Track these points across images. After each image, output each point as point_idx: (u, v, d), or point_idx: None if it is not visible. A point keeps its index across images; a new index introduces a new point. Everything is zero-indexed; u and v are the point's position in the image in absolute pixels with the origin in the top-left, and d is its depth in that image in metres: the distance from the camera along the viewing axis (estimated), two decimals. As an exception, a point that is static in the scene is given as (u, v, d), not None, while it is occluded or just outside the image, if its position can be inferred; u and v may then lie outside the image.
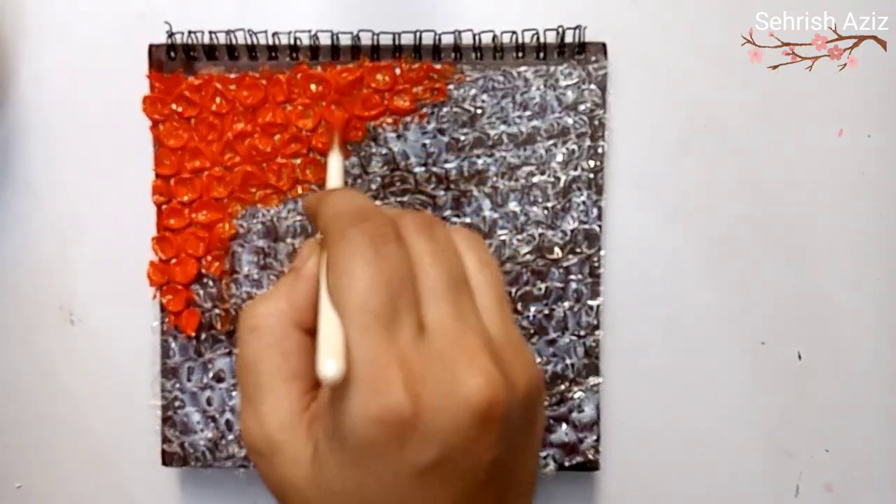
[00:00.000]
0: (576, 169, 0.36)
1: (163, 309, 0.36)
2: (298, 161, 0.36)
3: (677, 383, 0.38)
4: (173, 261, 0.36)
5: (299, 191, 0.36)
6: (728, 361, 0.38)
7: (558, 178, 0.36)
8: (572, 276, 0.36)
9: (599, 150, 0.36)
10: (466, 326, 0.21)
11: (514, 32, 0.36)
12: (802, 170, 0.38)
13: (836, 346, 0.38)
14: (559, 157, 0.36)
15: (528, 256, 0.36)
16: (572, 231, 0.36)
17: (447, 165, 0.36)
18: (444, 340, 0.20)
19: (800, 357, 0.38)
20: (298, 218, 0.36)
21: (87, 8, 0.37)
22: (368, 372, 0.19)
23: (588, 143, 0.36)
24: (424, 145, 0.36)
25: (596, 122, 0.36)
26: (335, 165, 0.32)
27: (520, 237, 0.36)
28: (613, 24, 0.37)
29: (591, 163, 0.36)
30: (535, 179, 0.36)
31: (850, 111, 0.38)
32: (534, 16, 0.37)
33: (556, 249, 0.36)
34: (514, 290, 0.36)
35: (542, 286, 0.36)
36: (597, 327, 0.36)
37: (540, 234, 0.36)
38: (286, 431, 0.21)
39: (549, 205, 0.36)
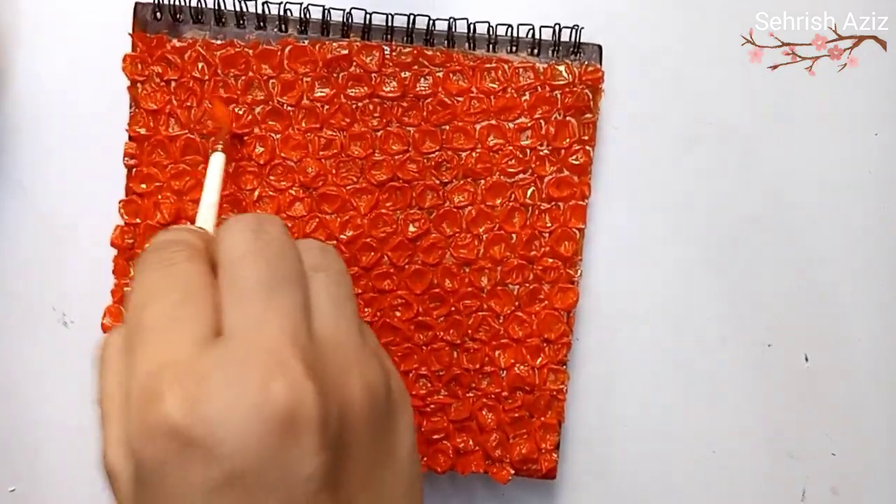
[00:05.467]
0: (560, 171, 0.35)
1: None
2: (278, 137, 0.35)
3: (683, 385, 0.38)
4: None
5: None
6: (734, 364, 0.38)
7: (541, 178, 0.35)
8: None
9: (589, 150, 0.35)
10: (274, 329, 0.19)
11: (509, 26, 0.35)
12: (807, 170, 0.37)
13: (843, 349, 0.38)
14: (547, 156, 0.35)
15: (508, 254, 0.35)
16: (551, 233, 0.35)
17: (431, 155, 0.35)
18: (241, 344, 0.18)
19: (806, 359, 0.38)
20: (272, 193, 0.35)
21: (83, 8, 0.36)
22: (137, 385, 0.18)
23: (576, 146, 0.35)
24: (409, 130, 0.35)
25: (586, 124, 0.35)
26: (216, 166, 0.31)
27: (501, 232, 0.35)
28: (613, 24, 0.36)
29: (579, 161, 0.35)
30: (520, 177, 0.35)
31: (852, 111, 0.37)
32: (532, 11, 0.36)
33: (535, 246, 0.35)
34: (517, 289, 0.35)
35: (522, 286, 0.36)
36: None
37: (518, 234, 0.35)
38: (122, 461, 0.19)
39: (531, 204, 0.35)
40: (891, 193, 0.38)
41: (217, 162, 0.31)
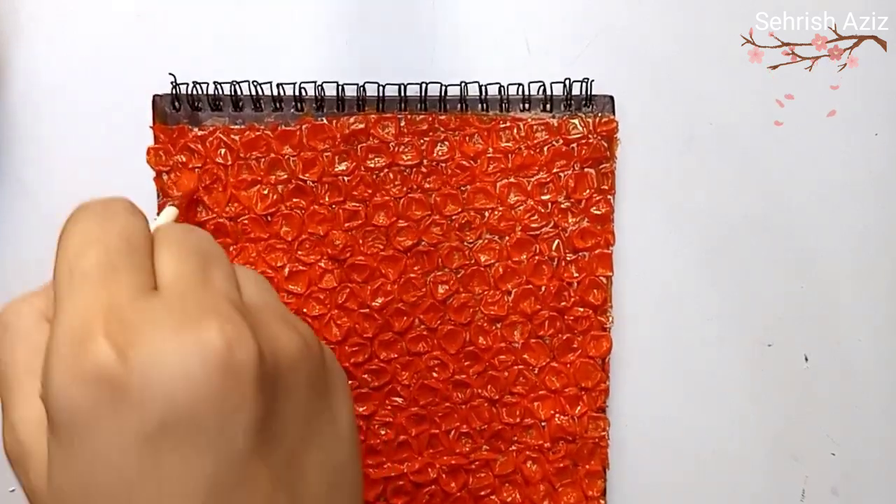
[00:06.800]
0: (583, 222, 0.36)
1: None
2: (303, 213, 0.36)
3: (682, 386, 0.38)
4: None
5: (306, 245, 0.36)
6: (733, 364, 0.38)
7: (565, 229, 0.36)
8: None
9: (609, 200, 0.36)
10: (210, 288, 0.19)
11: (520, 84, 0.35)
12: (807, 170, 0.38)
13: (843, 349, 0.38)
14: (566, 208, 0.36)
15: (539, 307, 0.36)
16: (579, 283, 0.36)
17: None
18: (178, 294, 0.18)
19: (806, 359, 0.38)
20: (301, 268, 0.36)
21: (83, 6, 0.37)
22: (66, 332, 0.17)
23: (596, 196, 0.36)
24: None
25: (604, 174, 0.36)
26: (165, 216, 0.31)
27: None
28: (613, 24, 0.37)
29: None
30: (544, 231, 0.36)
31: (852, 111, 0.37)
32: (532, 13, 0.36)
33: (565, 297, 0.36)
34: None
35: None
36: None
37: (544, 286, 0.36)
38: (35, 434, 0.18)
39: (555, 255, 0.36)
40: (891, 193, 0.38)
41: (167, 214, 0.32)
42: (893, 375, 0.38)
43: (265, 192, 0.35)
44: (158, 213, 0.36)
